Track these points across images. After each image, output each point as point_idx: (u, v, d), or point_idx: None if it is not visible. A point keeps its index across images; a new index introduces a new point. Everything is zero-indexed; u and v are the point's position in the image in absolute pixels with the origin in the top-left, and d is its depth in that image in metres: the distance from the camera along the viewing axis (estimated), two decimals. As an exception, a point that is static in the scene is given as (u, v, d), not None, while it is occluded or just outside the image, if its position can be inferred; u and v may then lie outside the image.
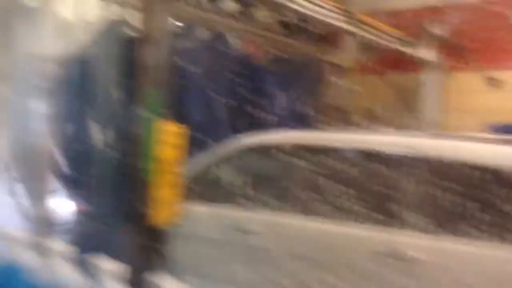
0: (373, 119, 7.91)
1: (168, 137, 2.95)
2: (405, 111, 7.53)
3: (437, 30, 6.87)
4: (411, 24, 6.86)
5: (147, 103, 2.94)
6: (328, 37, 7.70)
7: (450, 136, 3.75)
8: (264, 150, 3.97)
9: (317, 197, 3.47)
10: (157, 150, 2.87)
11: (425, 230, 3.04)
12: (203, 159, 4.12)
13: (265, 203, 3.69)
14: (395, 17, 6.95)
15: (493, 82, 7.11)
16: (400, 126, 7.59)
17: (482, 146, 3.26)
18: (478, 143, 3.33)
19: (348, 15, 4.79)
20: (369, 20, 5.27)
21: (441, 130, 7.23)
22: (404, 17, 7.24)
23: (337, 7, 4.67)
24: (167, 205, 2.97)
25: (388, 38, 5.83)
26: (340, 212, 3.35)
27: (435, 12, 7.14)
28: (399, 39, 6.14)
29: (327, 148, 3.62)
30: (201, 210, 3.86)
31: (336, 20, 4.67)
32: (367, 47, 7.24)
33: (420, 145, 3.31)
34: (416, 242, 3.04)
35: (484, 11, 6.93)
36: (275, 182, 3.87)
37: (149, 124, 2.91)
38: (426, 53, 6.76)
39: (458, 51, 7.08)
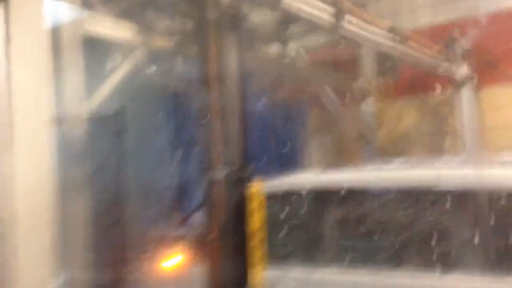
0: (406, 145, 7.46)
1: (253, 199, 2.44)
2: (440, 132, 7.09)
3: (465, 44, 6.48)
4: (437, 41, 6.44)
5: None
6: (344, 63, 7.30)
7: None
8: (287, 196, 3.23)
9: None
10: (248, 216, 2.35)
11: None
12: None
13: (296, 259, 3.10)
14: (420, 34, 6.55)
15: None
16: (437, 150, 7.16)
17: None
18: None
19: (399, 34, 4.32)
20: (414, 37, 4.79)
21: (480, 149, 6.78)
22: (429, 33, 6.85)
23: (388, 27, 4.23)
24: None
25: (427, 56, 5.40)
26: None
27: (461, 26, 6.76)
28: (433, 56, 5.72)
29: (366, 189, 3.03)
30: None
31: (389, 39, 4.21)
32: (393, 68, 6.83)
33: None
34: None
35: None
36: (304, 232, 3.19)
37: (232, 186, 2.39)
38: (457, 69, 6.35)
39: (489, 65, 6.68)
